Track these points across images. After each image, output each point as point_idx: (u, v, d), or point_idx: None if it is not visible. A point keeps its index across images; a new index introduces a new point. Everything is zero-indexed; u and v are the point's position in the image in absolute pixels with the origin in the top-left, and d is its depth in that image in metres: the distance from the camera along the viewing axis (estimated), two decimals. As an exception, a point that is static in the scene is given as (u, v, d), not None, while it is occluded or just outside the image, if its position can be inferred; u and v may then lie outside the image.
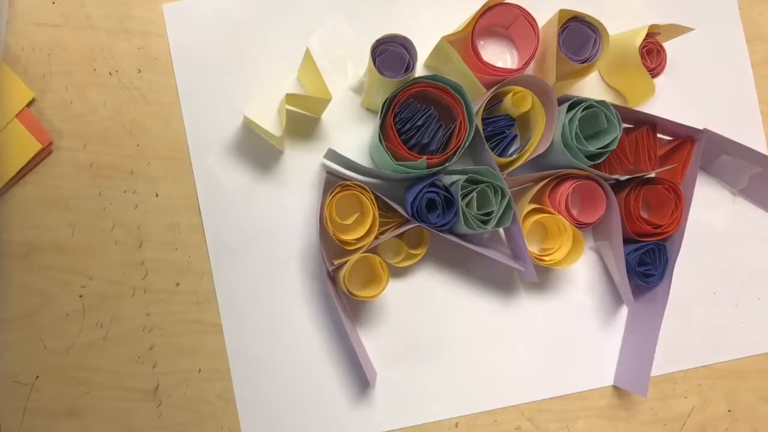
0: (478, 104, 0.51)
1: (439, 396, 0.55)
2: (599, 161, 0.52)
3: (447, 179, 0.53)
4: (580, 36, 0.51)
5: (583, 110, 0.50)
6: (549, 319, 0.56)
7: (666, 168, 0.54)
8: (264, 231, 0.54)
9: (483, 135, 0.50)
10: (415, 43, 0.48)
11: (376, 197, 0.51)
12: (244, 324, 0.54)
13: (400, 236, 0.53)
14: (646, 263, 0.54)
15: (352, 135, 0.55)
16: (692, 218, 0.55)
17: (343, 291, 0.52)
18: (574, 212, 0.55)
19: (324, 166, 0.55)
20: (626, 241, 0.53)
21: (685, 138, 0.55)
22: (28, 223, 0.53)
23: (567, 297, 0.57)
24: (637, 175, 0.53)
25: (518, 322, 0.56)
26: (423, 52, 0.53)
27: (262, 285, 0.54)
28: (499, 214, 0.51)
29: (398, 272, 0.55)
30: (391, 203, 0.51)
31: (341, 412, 0.54)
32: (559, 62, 0.50)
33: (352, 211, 0.53)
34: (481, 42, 0.55)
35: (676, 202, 0.53)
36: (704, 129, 0.54)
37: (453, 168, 0.51)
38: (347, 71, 0.56)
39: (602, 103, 0.51)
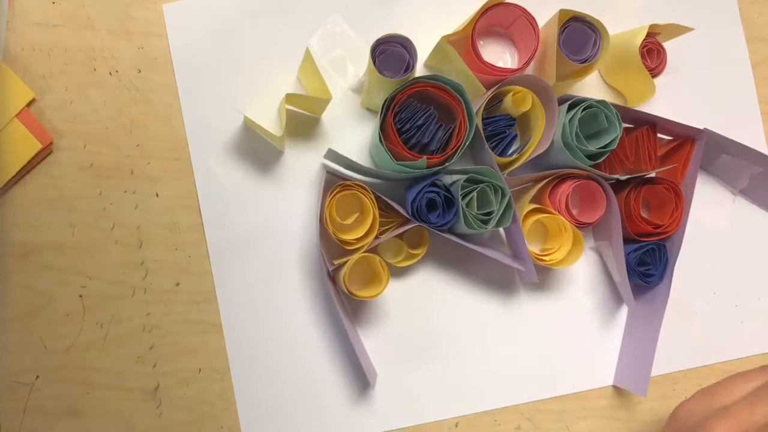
0: (478, 104, 0.51)
1: (439, 396, 0.55)
2: (599, 161, 0.52)
3: (447, 179, 0.53)
4: (580, 36, 0.51)
5: (583, 110, 0.50)
6: (549, 319, 0.56)
7: (666, 168, 0.54)
8: (264, 231, 0.54)
9: (483, 135, 0.50)
10: (415, 43, 0.48)
11: (376, 197, 0.51)
12: (244, 324, 0.54)
13: (400, 236, 0.53)
14: (646, 263, 0.54)
15: (352, 135, 0.55)
16: (692, 218, 0.55)
17: (343, 291, 0.52)
18: (574, 212, 0.55)
19: (324, 166, 0.55)
20: (626, 241, 0.53)
21: (685, 138, 0.55)
22: (28, 223, 0.53)
23: (567, 297, 0.57)
24: (637, 175, 0.53)
25: (518, 322, 0.56)
26: (423, 52, 0.53)
27: (262, 285, 0.54)
28: (499, 214, 0.51)
29: (398, 272, 0.55)
30: (391, 203, 0.51)
31: (341, 412, 0.54)
32: (559, 62, 0.50)
33: (352, 211, 0.53)
34: (481, 42, 0.55)
35: (676, 202, 0.53)
36: (704, 129, 0.54)
37: (453, 168, 0.51)
38: (347, 71, 0.56)
39: (602, 103, 0.50)
